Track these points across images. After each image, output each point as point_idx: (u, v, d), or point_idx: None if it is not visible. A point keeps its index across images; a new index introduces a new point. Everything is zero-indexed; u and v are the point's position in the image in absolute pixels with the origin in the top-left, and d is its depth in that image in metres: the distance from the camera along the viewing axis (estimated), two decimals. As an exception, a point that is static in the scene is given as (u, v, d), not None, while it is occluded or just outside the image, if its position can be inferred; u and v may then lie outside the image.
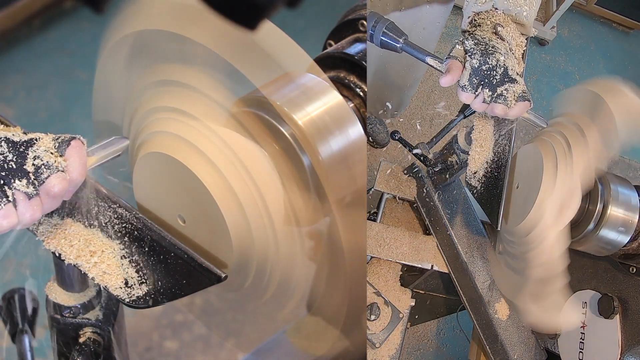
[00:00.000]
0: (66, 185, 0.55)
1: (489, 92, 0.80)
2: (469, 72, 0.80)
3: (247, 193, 0.67)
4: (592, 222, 0.89)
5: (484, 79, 0.80)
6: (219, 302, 0.89)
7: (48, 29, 2.15)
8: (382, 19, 0.86)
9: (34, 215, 0.54)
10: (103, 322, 0.79)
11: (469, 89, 0.80)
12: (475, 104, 0.82)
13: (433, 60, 0.85)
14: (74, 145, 0.56)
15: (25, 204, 0.53)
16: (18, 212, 0.53)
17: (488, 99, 0.80)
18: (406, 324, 1.15)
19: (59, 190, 0.54)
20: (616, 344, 0.90)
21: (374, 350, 1.10)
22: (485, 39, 0.82)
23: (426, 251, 1.19)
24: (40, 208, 0.55)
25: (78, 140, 0.57)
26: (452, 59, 0.81)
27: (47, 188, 0.54)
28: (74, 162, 0.56)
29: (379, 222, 1.23)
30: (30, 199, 0.53)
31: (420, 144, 1.20)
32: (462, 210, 1.18)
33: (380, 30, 0.86)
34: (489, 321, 1.13)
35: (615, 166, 1.47)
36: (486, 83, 0.80)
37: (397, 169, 1.26)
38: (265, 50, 0.65)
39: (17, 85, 2.05)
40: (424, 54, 0.86)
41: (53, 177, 0.54)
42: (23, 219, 0.54)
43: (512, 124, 0.90)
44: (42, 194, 0.54)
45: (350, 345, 0.79)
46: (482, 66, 0.79)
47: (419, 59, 0.87)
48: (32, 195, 0.53)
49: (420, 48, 0.87)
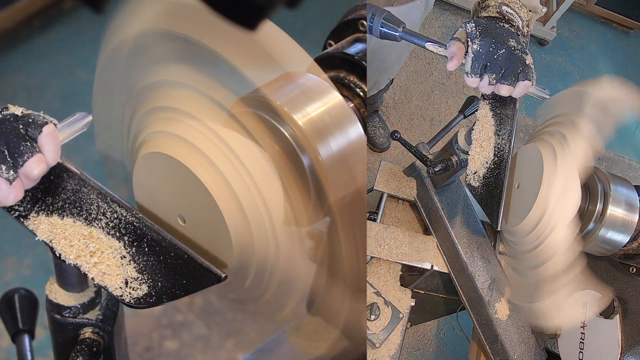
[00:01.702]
0: (44, 167, 0.58)
1: (493, 75, 0.81)
2: (472, 57, 0.81)
3: (247, 193, 0.67)
4: (592, 222, 0.89)
5: (488, 62, 0.80)
6: (219, 302, 0.89)
7: (48, 29, 2.15)
8: (379, 9, 0.87)
9: (17, 197, 0.57)
10: (103, 322, 0.79)
11: (474, 74, 0.81)
12: (482, 88, 0.83)
13: (432, 45, 0.86)
14: (47, 132, 0.58)
15: (7, 188, 0.56)
16: (1, 197, 0.56)
17: (493, 81, 0.81)
18: (406, 324, 1.15)
19: (38, 173, 0.57)
20: (616, 344, 0.90)
21: (374, 350, 1.10)
22: (486, 21, 0.83)
23: (426, 251, 1.19)
24: (22, 189, 0.58)
25: (51, 125, 0.59)
26: (455, 40, 0.82)
27: (27, 171, 0.57)
28: (49, 150, 0.58)
29: (379, 222, 1.23)
30: (12, 183, 0.56)
31: (420, 144, 1.20)
32: (462, 210, 1.18)
33: (379, 21, 0.86)
34: (489, 321, 1.13)
35: (616, 166, 1.47)
36: (489, 66, 0.81)
37: (397, 169, 1.26)
38: (265, 50, 0.65)
39: (17, 85, 2.05)
40: (423, 40, 0.87)
41: (31, 161, 0.57)
42: (6, 202, 0.57)
43: (513, 124, 0.90)
44: (22, 176, 0.57)
45: (350, 345, 0.79)
46: (484, 49, 0.80)
47: (419, 45, 0.87)
48: (13, 179, 0.56)
49: (419, 34, 0.88)
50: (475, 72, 0.81)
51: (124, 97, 0.79)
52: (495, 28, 0.82)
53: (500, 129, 0.91)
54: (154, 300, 0.67)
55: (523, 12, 0.88)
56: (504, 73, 0.81)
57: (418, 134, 2.61)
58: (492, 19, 0.85)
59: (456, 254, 1.15)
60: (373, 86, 2.18)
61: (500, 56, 0.80)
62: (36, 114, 0.59)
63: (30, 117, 0.58)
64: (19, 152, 0.56)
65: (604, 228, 0.88)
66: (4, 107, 0.59)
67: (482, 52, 0.80)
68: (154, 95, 0.73)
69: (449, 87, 2.79)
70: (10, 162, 0.56)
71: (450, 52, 0.82)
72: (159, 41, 0.70)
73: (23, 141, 0.57)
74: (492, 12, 0.86)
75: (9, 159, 0.56)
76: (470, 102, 1.25)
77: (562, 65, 3.18)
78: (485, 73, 0.81)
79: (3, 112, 0.58)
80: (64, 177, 0.64)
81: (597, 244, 0.90)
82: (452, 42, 0.83)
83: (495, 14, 0.86)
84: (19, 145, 0.56)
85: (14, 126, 0.57)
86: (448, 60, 0.83)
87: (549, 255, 0.87)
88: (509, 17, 0.86)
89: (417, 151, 1.17)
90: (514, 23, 0.86)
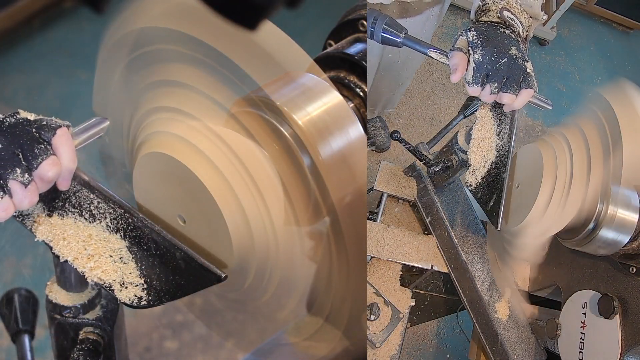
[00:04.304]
0: (59, 169, 0.57)
1: (495, 84, 0.80)
2: (473, 66, 0.80)
3: (247, 193, 0.67)
4: (592, 222, 0.89)
5: (489, 71, 0.80)
6: (219, 302, 0.89)
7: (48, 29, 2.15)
8: (381, 15, 0.86)
9: (32, 201, 0.56)
10: (103, 322, 0.79)
11: (475, 83, 0.81)
12: (483, 97, 0.83)
13: (435, 52, 0.85)
14: (61, 134, 0.58)
15: (22, 192, 0.55)
16: (16, 201, 0.55)
17: (495, 90, 0.81)
18: (406, 324, 1.15)
19: (53, 175, 0.57)
20: (616, 344, 0.90)
21: (374, 350, 1.10)
22: (487, 28, 0.82)
23: (426, 251, 1.19)
24: (36, 193, 0.57)
25: (64, 128, 0.58)
26: (456, 50, 0.82)
27: (41, 174, 0.56)
28: (64, 152, 0.58)
29: (379, 222, 1.23)
30: (27, 186, 0.55)
31: (420, 144, 1.20)
32: (462, 210, 1.18)
33: (381, 27, 0.86)
34: (489, 321, 1.13)
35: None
36: (491, 75, 0.80)
37: (397, 169, 1.26)
38: (266, 50, 0.65)
39: (17, 85, 2.05)
40: (425, 46, 0.86)
41: (45, 162, 0.56)
42: (22, 206, 0.56)
43: (513, 123, 0.90)
44: (36, 179, 0.56)
45: (351, 345, 0.79)
46: (485, 59, 0.80)
47: (421, 52, 0.87)
48: (28, 183, 0.55)
49: (421, 41, 0.87)
50: (477, 82, 0.81)
51: (124, 97, 0.79)
52: (496, 36, 0.82)
53: (500, 129, 0.91)
54: (154, 300, 0.67)
55: (524, 18, 0.88)
56: (506, 82, 0.80)
57: (418, 134, 2.61)
58: (493, 25, 0.84)
59: (456, 254, 1.15)
60: (387, 104, 2.18)
61: (502, 65, 0.80)
62: (48, 118, 0.59)
63: (43, 120, 0.58)
64: (33, 155, 0.55)
65: (604, 228, 0.88)
66: (15, 112, 0.58)
67: (484, 61, 0.80)
68: (154, 95, 0.73)
69: (449, 87, 2.80)
70: (25, 165, 0.55)
71: (454, 64, 0.82)
72: (159, 41, 0.70)
73: (37, 144, 0.56)
74: (492, 16, 0.86)
75: (23, 162, 0.55)
76: (470, 102, 1.25)
77: (562, 65, 3.18)
78: (487, 82, 0.81)
79: (15, 116, 0.58)
80: None
81: (597, 244, 0.90)
82: (454, 52, 0.82)
83: (496, 18, 0.86)
84: (32, 147, 0.56)
85: (27, 129, 0.57)
86: (451, 72, 0.82)
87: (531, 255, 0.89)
88: (509, 23, 0.85)
89: (417, 151, 1.17)
90: (514, 29, 0.86)
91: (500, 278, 1.13)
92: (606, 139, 0.87)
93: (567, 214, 0.87)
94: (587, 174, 0.87)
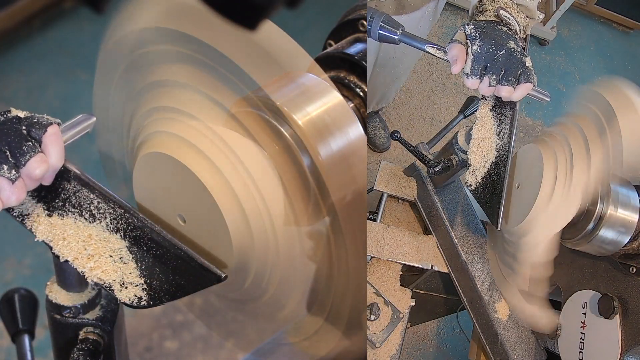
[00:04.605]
0: (47, 166, 0.57)
1: (493, 76, 0.81)
2: (471, 58, 0.81)
3: (247, 193, 0.67)
4: (592, 222, 0.89)
5: (487, 63, 0.80)
6: (219, 302, 0.89)
7: (48, 29, 2.15)
8: (377, 12, 0.87)
9: (19, 197, 0.56)
10: (103, 322, 0.79)
11: (474, 75, 0.81)
12: (482, 89, 0.83)
13: (432, 48, 0.85)
14: (51, 132, 0.58)
15: (10, 188, 0.55)
16: (4, 197, 0.55)
17: (493, 82, 0.81)
18: (406, 324, 1.15)
19: (40, 172, 0.57)
20: (616, 344, 0.90)
21: (374, 350, 1.10)
22: (485, 24, 0.83)
23: (426, 251, 1.19)
24: (24, 190, 0.57)
25: (55, 126, 0.59)
26: (455, 42, 0.82)
27: (29, 171, 0.56)
28: (53, 150, 0.58)
29: (379, 222, 1.23)
30: (14, 183, 0.55)
31: (420, 144, 1.20)
32: (462, 210, 1.18)
33: (378, 24, 0.86)
34: (489, 321, 1.13)
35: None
36: (489, 67, 0.80)
37: (397, 169, 1.26)
38: (266, 50, 0.65)
39: (17, 85, 2.05)
40: (422, 42, 0.86)
41: (33, 160, 0.56)
42: (9, 202, 0.56)
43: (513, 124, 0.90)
44: (24, 176, 0.57)
45: (351, 345, 0.79)
46: (483, 50, 0.80)
47: (419, 48, 0.87)
48: (15, 179, 0.55)
49: (418, 37, 0.87)
50: (475, 74, 0.81)
51: (124, 97, 0.79)
52: (494, 30, 0.82)
53: (500, 129, 0.91)
54: (154, 300, 0.67)
55: (520, 18, 0.88)
56: (504, 74, 0.81)
57: (418, 134, 2.61)
58: (490, 22, 0.85)
59: (456, 254, 1.15)
60: (381, 99, 2.18)
61: (500, 57, 0.80)
62: (39, 115, 0.59)
63: (33, 118, 0.58)
64: (21, 152, 0.56)
65: (604, 228, 0.88)
66: (6, 110, 0.59)
67: (482, 53, 0.80)
68: (154, 95, 0.73)
69: (449, 87, 2.80)
70: (12, 162, 0.56)
71: (453, 56, 0.82)
72: (159, 41, 0.70)
73: (25, 141, 0.57)
74: (489, 15, 0.86)
75: (10, 159, 0.56)
76: (470, 102, 1.25)
77: (562, 65, 3.18)
78: (485, 74, 0.81)
79: (6, 114, 0.58)
80: (65, 177, 0.64)
81: (597, 244, 0.90)
82: (453, 45, 0.82)
83: (493, 17, 0.86)
84: (20, 145, 0.56)
85: (16, 127, 0.57)
86: (451, 63, 0.82)
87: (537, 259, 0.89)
88: (506, 21, 0.86)
89: (417, 151, 1.17)
90: (511, 27, 0.86)
91: (500, 278, 1.13)
92: (600, 123, 0.87)
93: (572, 203, 0.87)
94: (587, 158, 0.86)
